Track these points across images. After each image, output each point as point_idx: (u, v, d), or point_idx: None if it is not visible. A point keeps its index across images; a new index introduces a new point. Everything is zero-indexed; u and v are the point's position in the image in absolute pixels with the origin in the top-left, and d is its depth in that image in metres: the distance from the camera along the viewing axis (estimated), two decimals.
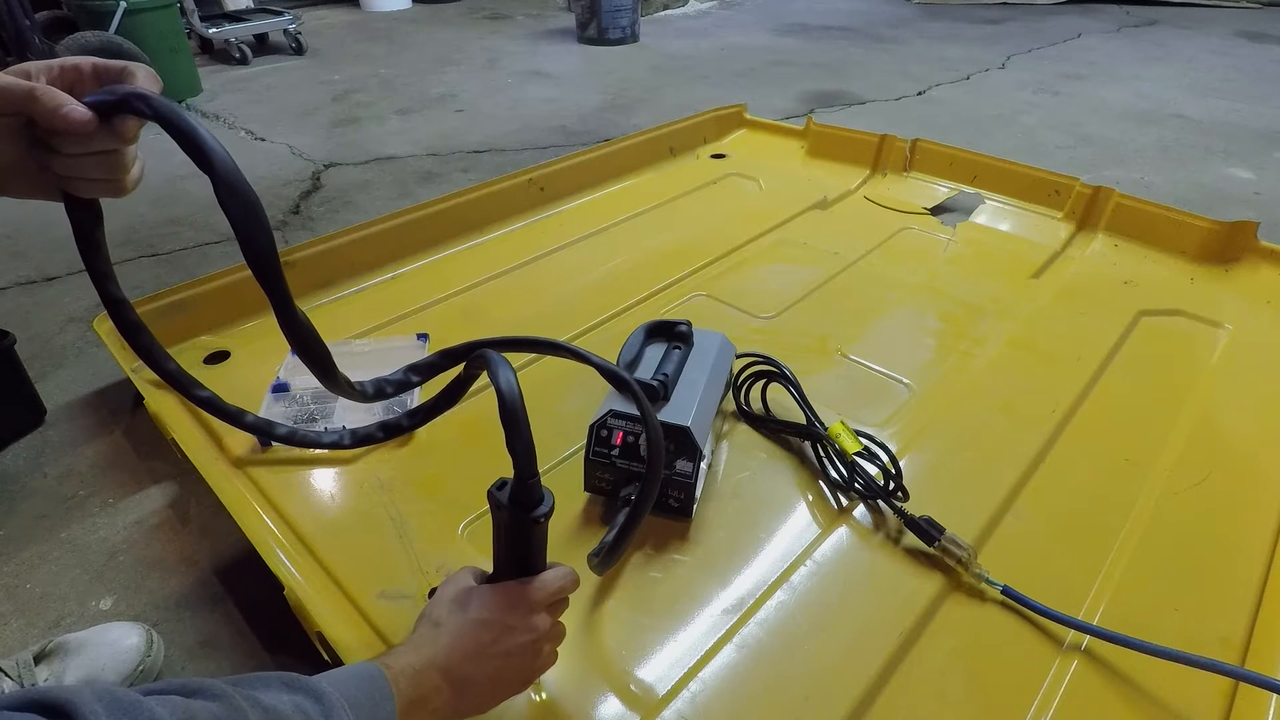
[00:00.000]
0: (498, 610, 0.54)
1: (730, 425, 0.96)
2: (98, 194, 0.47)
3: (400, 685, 0.48)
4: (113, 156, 0.45)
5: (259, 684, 0.41)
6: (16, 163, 0.44)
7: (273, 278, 0.41)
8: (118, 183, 0.46)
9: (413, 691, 0.49)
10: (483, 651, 0.53)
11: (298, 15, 3.43)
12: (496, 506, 0.54)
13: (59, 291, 1.47)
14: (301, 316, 0.44)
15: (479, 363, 0.52)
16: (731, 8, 4.42)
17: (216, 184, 0.39)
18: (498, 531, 0.56)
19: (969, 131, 2.35)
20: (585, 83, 2.95)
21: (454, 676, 0.51)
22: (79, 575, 0.88)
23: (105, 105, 0.42)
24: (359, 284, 1.28)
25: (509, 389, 0.48)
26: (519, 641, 0.54)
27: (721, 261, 1.34)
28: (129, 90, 0.42)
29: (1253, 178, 2.01)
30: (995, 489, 0.86)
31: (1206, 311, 1.19)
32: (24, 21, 2.31)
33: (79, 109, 0.41)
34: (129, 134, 0.44)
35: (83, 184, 0.46)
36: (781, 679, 0.67)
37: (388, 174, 2.06)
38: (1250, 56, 3.27)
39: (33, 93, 0.41)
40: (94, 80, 0.45)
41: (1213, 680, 0.65)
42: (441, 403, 0.62)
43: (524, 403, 0.48)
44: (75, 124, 0.41)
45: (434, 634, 0.53)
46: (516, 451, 0.49)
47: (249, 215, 0.39)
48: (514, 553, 0.56)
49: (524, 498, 0.52)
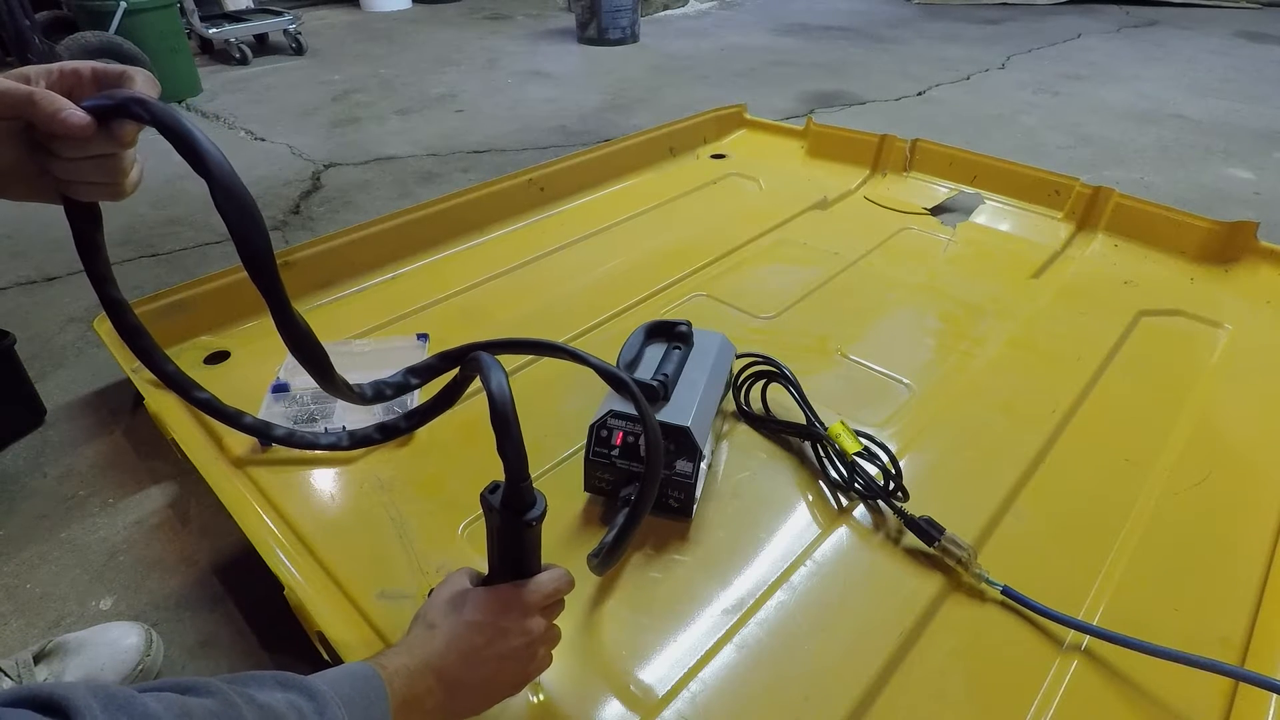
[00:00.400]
0: (492, 613, 0.54)
1: (730, 425, 0.96)
2: (96, 197, 0.47)
3: (394, 685, 0.48)
4: (111, 160, 0.45)
5: (254, 682, 0.41)
6: (16, 166, 0.45)
7: (269, 281, 0.41)
8: (116, 186, 0.47)
9: (406, 692, 0.49)
10: (476, 654, 0.53)
11: (298, 15, 3.43)
12: (489, 510, 0.54)
13: (59, 291, 1.47)
14: (298, 319, 0.44)
15: (473, 365, 0.53)
16: (731, 8, 4.43)
17: (213, 188, 0.39)
18: (491, 534, 0.56)
19: (969, 132, 2.35)
20: (585, 83, 2.95)
21: (448, 679, 0.51)
22: (79, 575, 0.88)
23: (103, 110, 0.42)
24: (359, 284, 1.28)
25: (500, 392, 0.48)
26: (513, 645, 0.54)
27: (721, 261, 1.34)
28: (127, 95, 0.42)
29: (1253, 178, 2.01)
30: (995, 489, 0.86)
31: (1206, 311, 1.19)
32: (24, 21, 2.31)
33: (77, 113, 0.41)
34: (127, 138, 0.44)
35: (82, 187, 0.46)
36: (781, 679, 0.67)
37: (388, 174, 2.06)
38: (1250, 56, 3.27)
39: (31, 97, 0.41)
40: (93, 85, 0.45)
41: (1213, 680, 0.65)
42: (438, 405, 0.62)
43: (515, 406, 0.48)
44: (73, 128, 0.41)
45: (428, 636, 0.53)
46: (507, 454, 0.49)
47: (245, 219, 0.40)
48: (508, 555, 0.56)
49: (516, 501, 0.52)
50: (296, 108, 2.64)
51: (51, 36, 2.48)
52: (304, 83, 2.96)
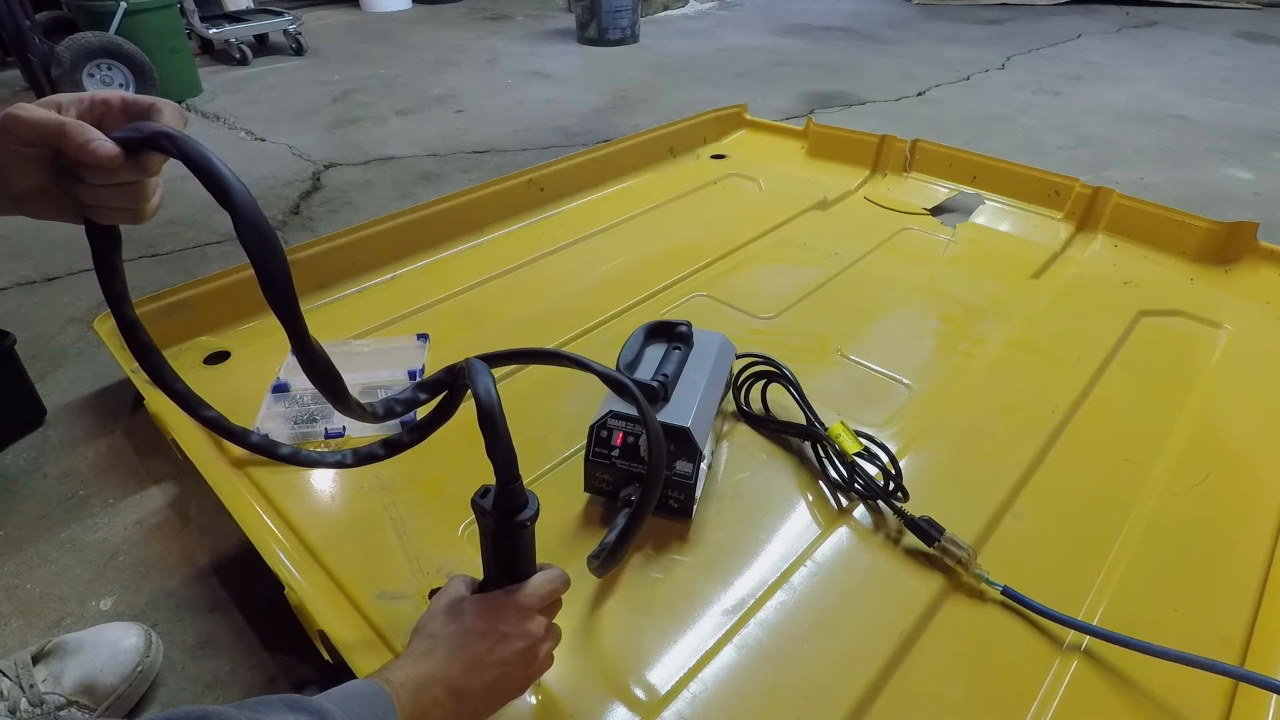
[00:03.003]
0: (490, 619, 0.54)
1: (730, 425, 0.96)
2: (118, 221, 0.49)
3: (401, 699, 0.48)
4: (135, 187, 0.47)
5: (263, 707, 0.41)
6: (42, 189, 0.46)
7: (290, 311, 0.43)
8: (138, 211, 0.48)
9: (414, 706, 0.49)
10: (479, 662, 0.53)
11: (298, 15, 3.43)
12: (481, 514, 0.54)
13: (59, 291, 1.47)
14: (316, 347, 0.46)
15: (462, 373, 0.53)
16: (731, 8, 4.43)
17: (237, 221, 0.41)
18: (485, 539, 0.56)
19: (969, 132, 2.35)
20: (585, 83, 2.95)
21: (453, 688, 0.51)
22: (79, 575, 0.88)
23: (133, 142, 0.43)
24: (359, 284, 1.28)
25: (486, 395, 0.49)
26: (515, 649, 0.54)
27: (721, 262, 1.34)
28: (156, 129, 0.43)
29: (1253, 178, 2.01)
30: (995, 489, 0.86)
31: (1206, 312, 1.19)
32: (24, 21, 2.31)
33: (107, 144, 0.43)
34: (153, 169, 0.46)
35: (104, 211, 0.48)
36: (781, 679, 0.67)
37: (388, 174, 2.06)
38: (1250, 56, 3.27)
39: (63, 127, 0.42)
40: (122, 115, 0.46)
41: (1213, 680, 0.65)
42: (438, 417, 0.63)
43: (502, 409, 0.49)
44: (103, 159, 0.42)
45: (429, 647, 0.53)
46: (496, 457, 0.49)
47: (268, 252, 0.41)
48: (502, 558, 0.56)
49: (507, 503, 0.52)
50: (296, 108, 2.64)
51: (51, 37, 2.47)
52: (304, 83, 2.96)
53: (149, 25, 2.61)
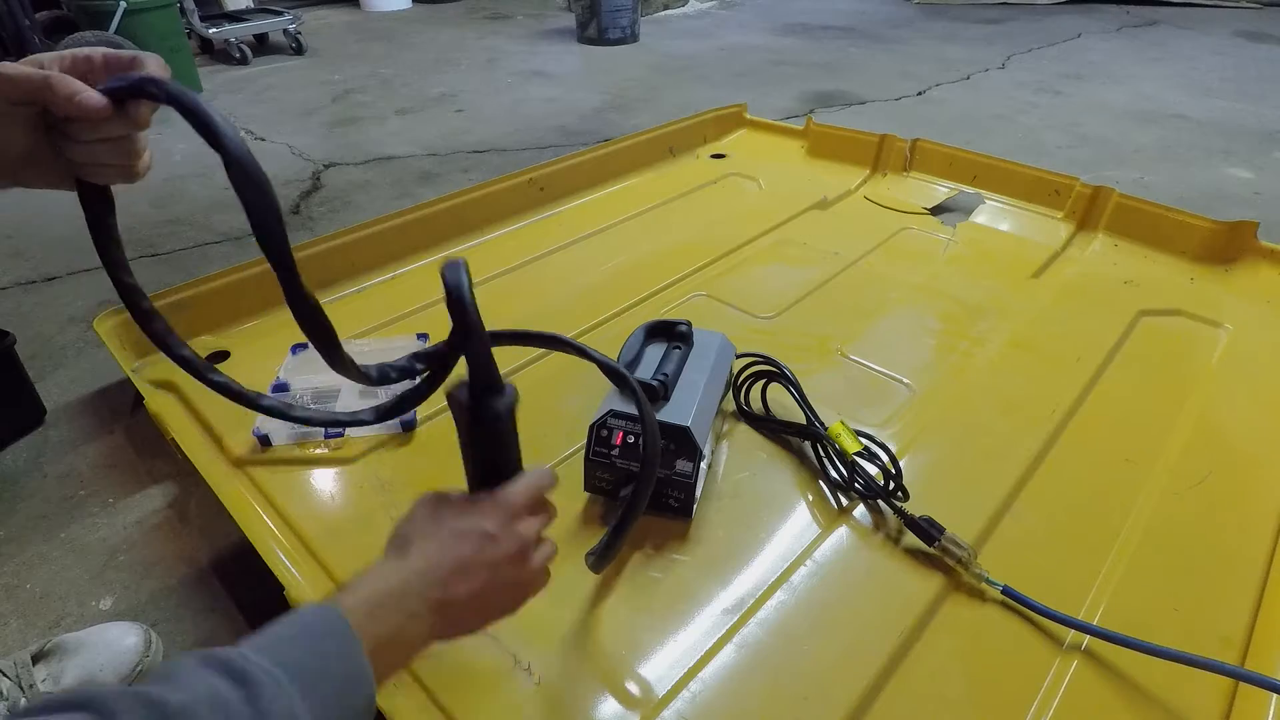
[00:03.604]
0: (475, 517, 0.49)
1: (730, 425, 0.96)
2: (111, 180, 0.48)
3: (361, 625, 0.41)
4: (125, 142, 0.46)
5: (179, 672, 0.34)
6: (31, 151, 0.45)
7: (282, 256, 0.42)
8: (130, 168, 0.47)
9: (383, 625, 0.43)
10: (464, 565, 0.47)
11: (298, 15, 3.43)
12: (458, 407, 0.49)
13: (59, 291, 1.47)
14: (309, 296, 0.44)
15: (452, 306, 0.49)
16: (731, 8, 4.43)
17: (229, 164, 0.40)
18: (463, 439, 0.53)
19: (969, 131, 2.35)
20: (585, 83, 2.95)
21: (433, 598, 0.46)
22: (79, 575, 0.88)
23: (119, 91, 0.43)
24: (359, 284, 1.28)
25: (456, 283, 0.47)
26: (504, 550, 0.49)
27: (721, 261, 1.34)
28: (142, 76, 0.43)
29: (1253, 178, 2.01)
30: (995, 489, 0.86)
31: (1206, 311, 1.19)
32: (24, 21, 2.31)
33: (94, 95, 0.42)
34: (142, 119, 0.45)
35: (97, 170, 0.47)
36: (781, 679, 0.67)
37: (388, 174, 2.06)
38: (1250, 56, 3.27)
39: (48, 80, 0.41)
40: (104, 70, 0.45)
41: (1213, 680, 0.65)
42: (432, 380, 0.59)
43: (474, 295, 0.47)
44: (91, 110, 0.42)
45: (401, 554, 0.47)
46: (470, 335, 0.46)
47: (260, 196, 0.40)
48: (483, 457, 0.52)
49: (486, 386, 0.49)
50: (296, 108, 2.64)
51: (51, 36, 2.48)
52: (304, 83, 2.96)
53: (149, 25, 2.62)
